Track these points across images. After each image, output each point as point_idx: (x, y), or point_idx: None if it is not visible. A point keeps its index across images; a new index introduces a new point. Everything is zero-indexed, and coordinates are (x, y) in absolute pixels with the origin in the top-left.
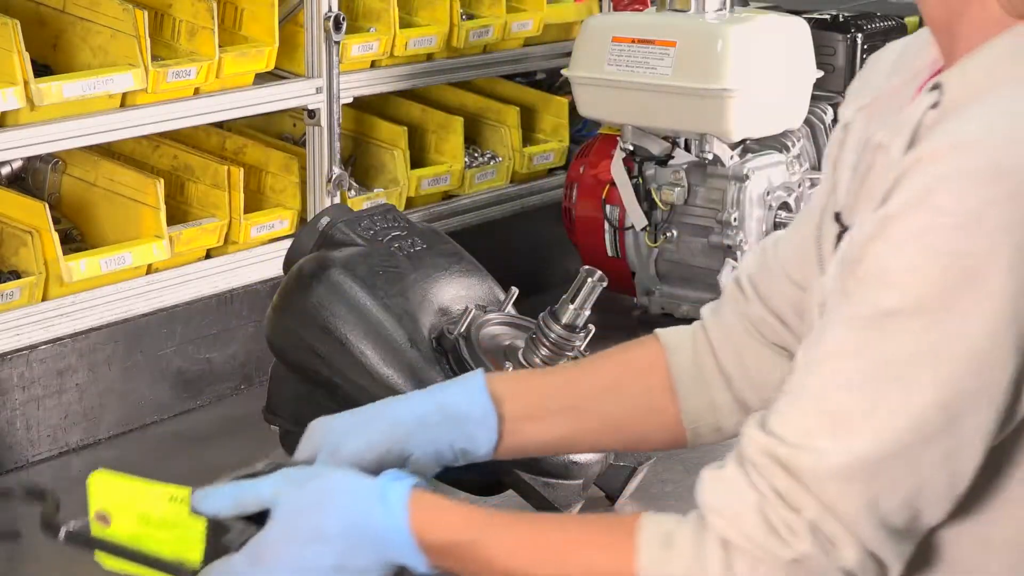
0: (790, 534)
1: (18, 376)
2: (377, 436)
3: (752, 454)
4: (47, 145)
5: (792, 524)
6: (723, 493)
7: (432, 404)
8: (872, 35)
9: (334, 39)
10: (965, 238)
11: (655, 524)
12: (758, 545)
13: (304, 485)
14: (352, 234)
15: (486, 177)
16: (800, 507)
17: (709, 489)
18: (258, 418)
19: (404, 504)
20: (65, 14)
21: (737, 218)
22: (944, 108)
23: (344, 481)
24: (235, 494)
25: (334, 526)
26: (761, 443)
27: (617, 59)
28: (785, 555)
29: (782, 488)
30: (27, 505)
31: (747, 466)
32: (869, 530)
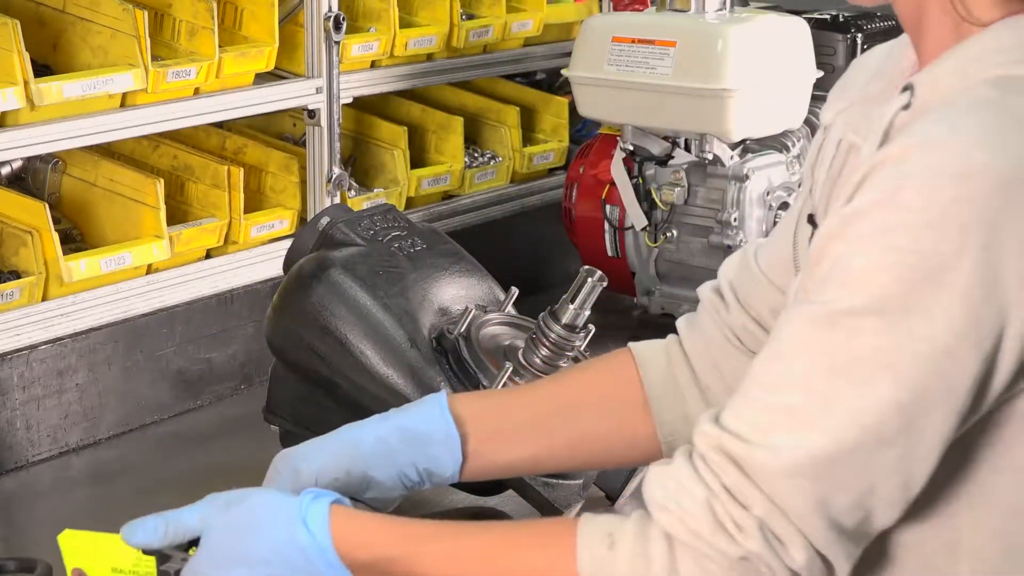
0: (738, 531)
1: (18, 376)
2: (334, 458)
3: (704, 449)
4: (47, 145)
5: (740, 521)
6: (671, 488)
7: (392, 426)
8: (872, 35)
9: (334, 39)
10: (931, 237)
11: (595, 524)
12: (705, 542)
13: (228, 509)
14: (352, 234)
15: (486, 177)
16: (749, 504)
17: (656, 484)
18: (258, 418)
19: (325, 523)
20: (65, 14)
21: (737, 218)
22: (915, 109)
23: (267, 503)
24: (161, 524)
25: (259, 550)
26: (713, 438)
27: (617, 59)
28: (733, 552)
29: (732, 484)
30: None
31: (697, 461)
32: (819, 530)
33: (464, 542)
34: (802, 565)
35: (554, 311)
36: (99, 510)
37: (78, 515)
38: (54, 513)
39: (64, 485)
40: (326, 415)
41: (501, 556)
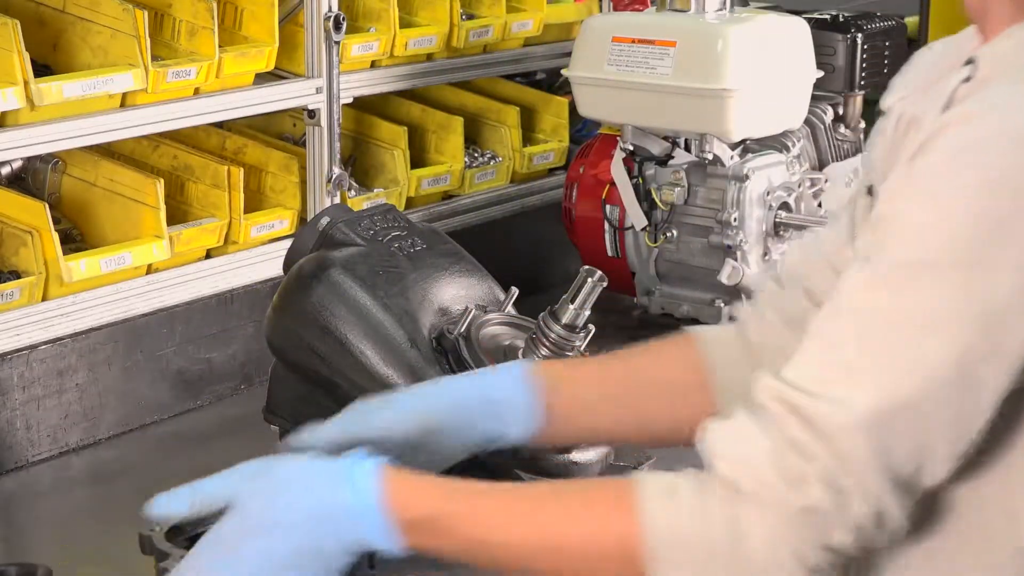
0: (801, 482)
1: (18, 376)
2: (410, 413)
3: (765, 400)
4: (47, 145)
5: (804, 473)
6: (732, 440)
7: (471, 388)
8: (872, 35)
9: (334, 39)
10: (992, 196)
11: (656, 478)
12: (768, 492)
13: (262, 475)
14: (352, 234)
15: (486, 177)
16: (812, 456)
17: (717, 437)
18: (258, 418)
19: (374, 482)
20: (65, 14)
21: (737, 218)
22: (976, 81)
23: (303, 467)
24: (191, 494)
25: (294, 512)
26: (775, 390)
27: (617, 59)
28: (796, 503)
29: (795, 436)
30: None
31: (760, 413)
32: (878, 482)
33: (525, 502)
34: (863, 516)
35: (554, 311)
36: (99, 510)
37: (78, 515)
38: (54, 513)
39: (64, 485)
40: (326, 415)
41: (556, 508)
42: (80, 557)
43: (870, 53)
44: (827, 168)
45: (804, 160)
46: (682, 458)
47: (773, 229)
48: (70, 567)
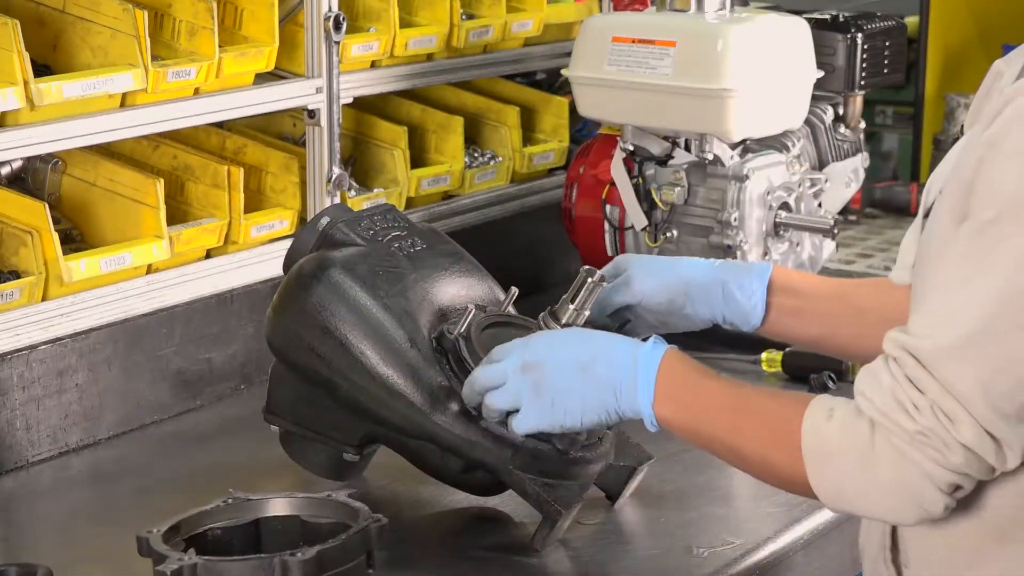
0: (915, 410)
1: (18, 376)
2: (665, 286)
3: (890, 348)
4: (47, 145)
5: (917, 402)
6: (868, 380)
7: (717, 280)
8: (872, 35)
9: (334, 39)
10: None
11: (824, 400)
12: (891, 419)
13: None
14: (352, 234)
15: (486, 177)
16: (924, 388)
17: (861, 377)
18: (258, 418)
19: (660, 352)
20: (65, 14)
21: (737, 218)
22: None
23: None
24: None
25: (589, 349)
26: (897, 340)
27: (617, 59)
28: (911, 428)
29: (911, 373)
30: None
31: (888, 358)
32: (983, 409)
33: (732, 398)
34: (970, 440)
35: (554, 311)
36: (99, 510)
37: (78, 515)
38: (54, 513)
39: (64, 485)
40: (326, 415)
41: (752, 412)
42: (80, 557)
43: (870, 53)
44: (827, 168)
45: (804, 160)
46: (681, 459)
47: (773, 229)
48: (70, 567)
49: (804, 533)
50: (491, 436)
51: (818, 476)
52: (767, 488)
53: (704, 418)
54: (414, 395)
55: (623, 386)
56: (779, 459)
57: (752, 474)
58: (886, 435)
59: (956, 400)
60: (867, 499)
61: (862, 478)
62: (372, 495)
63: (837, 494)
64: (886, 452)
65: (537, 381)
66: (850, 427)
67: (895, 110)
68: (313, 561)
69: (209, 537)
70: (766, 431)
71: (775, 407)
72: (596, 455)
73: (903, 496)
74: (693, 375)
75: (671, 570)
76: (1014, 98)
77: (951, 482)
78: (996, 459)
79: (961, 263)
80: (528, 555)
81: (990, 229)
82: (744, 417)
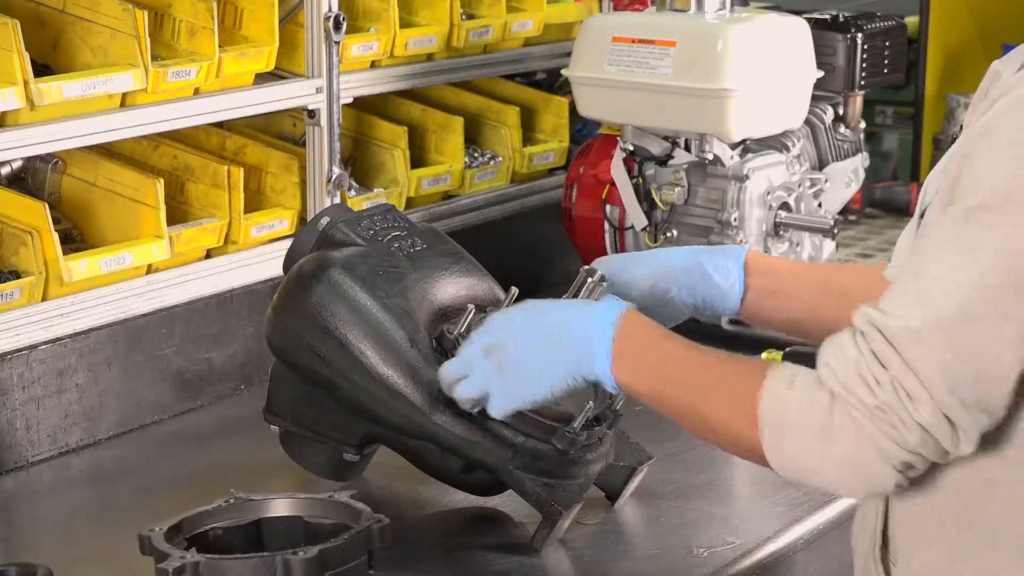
0: (876, 385)
1: (18, 376)
2: (649, 273)
3: (859, 323)
4: (47, 145)
5: (879, 377)
6: (833, 350)
7: (696, 266)
8: (872, 35)
9: (334, 39)
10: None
11: (785, 368)
12: (851, 392)
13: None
14: (352, 234)
15: (486, 177)
16: (887, 364)
17: (825, 348)
18: (258, 418)
19: (618, 311)
20: (65, 14)
21: (737, 218)
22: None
23: (565, 302)
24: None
25: (549, 318)
26: (867, 314)
27: (617, 59)
28: (871, 402)
29: (876, 348)
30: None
31: (856, 332)
32: (943, 392)
33: (691, 361)
34: (927, 421)
35: None
36: (99, 510)
37: (78, 515)
38: (54, 513)
39: (64, 485)
40: (326, 415)
41: (713, 378)
42: (80, 557)
43: (870, 53)
44: (827, 168)
45: (804, 160)
46: (681, 458)
47: (773, 229)
48: (70, 567)
49: (804, 533)
50: (491, 436)
51: (774, 444)
52: (767, 488)
53: (664, 382)
54: (414, 395)
55: (583, 350)
56: (738, 428)
57: (711, 440)
58: (845, 407)
59: (918, 380)
60: (820, 470)
61: (817, 448)
62: (372, 495)
63: (792, 463)
64: (844, 424)
65: (500, 362)
66: (810, 397)
67: (895, 110)
68: (315, 560)
69: (211, 537)
70: (728, 398)
71: (737, 374)
72: (596, 455)
73: (856, 469)
74: (652, 337)
75: (671, 570)
76: (1010, 90)
77: (904, 460)
78: (951, 442)
79: (941, 247)
80: (528, 555)
81: (973, 217)
82: (706, 383)
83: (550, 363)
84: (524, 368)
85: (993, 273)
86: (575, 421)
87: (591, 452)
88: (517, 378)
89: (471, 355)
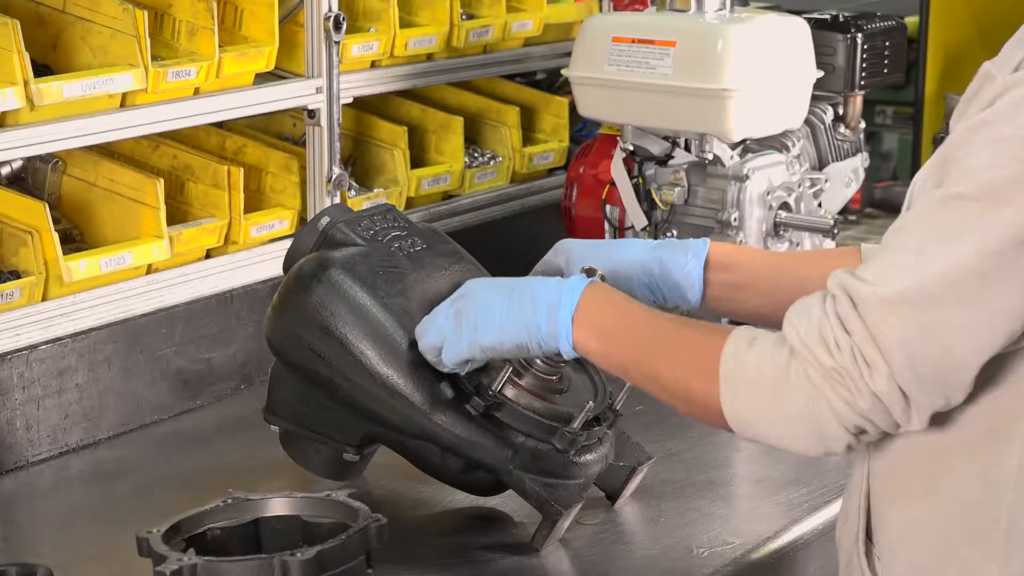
0: (836, 348)
1: (18, 376)
2: (605, 261)
3: (831, 285)
4: (47, 145)
5: (840, 340)
6: (799, 309)
7: (655, 259)
8: (872, 35)
9: (334, 39)
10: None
11: (748, 330)
12: (809, 351)
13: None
14: (352, 234)
15: (486, 177)
16: (851, 330)
17: (793, 307)
18: (258, 418)
19: (581, 286)
20: (65, 14)
21: (737, 218)
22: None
23: (531, 279)
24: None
25: (513, 281)
26: (840, 279)
27: (617, 59)
28: (827, 363)
29: (842, 312)
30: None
31: (827, 295)
32: (900, 365)
33: (651, 326)
34: (881, 390)
35: None
36: (99, 510)
37: (78, 515)
38: (54, 513)
39: (64, 485)
40: (326, 415)
41: (672, 338)
42: (80, 557)
43: (870, 53)
44: (827, 168)
45: (804, 160)
46: (682, 458)
47: (773, 229)
48: (70, 567)
49: (804, 533)
50: (491, 436)
51: (731, 399)
52: (767, 488)
53: (623, 342)
54: (414, 395)
55: (544, 308)
56: (696, 385)
57: (665, 399)
58: (803, 364)
59: (877, 350)
60: (774, 425)
61: (772, 404)
62: (372, 495)
63: (746, 418)
64: (799, 381)
65: (460, 310)
66: (769, 353)
67: (895, 110)
68: (313, 561)
69: (209, 537)
70: (687, 357)
71: (699, 336)
72: (596, 455)
73: (808, 426)
74: (618, 301)
75: (671, 570)
76: (1013, 87)
77: (856, 424)
78: (902, 415)
79: (921, 226)
80: (528, 555)
81: (956, 203)
82: (665, 343)
83: (506, 315)
84: (479, 317)
85: (962, 261)
86: (575, 421)
87: (591, 452)
88: (473, 325)
89: (440, 310)
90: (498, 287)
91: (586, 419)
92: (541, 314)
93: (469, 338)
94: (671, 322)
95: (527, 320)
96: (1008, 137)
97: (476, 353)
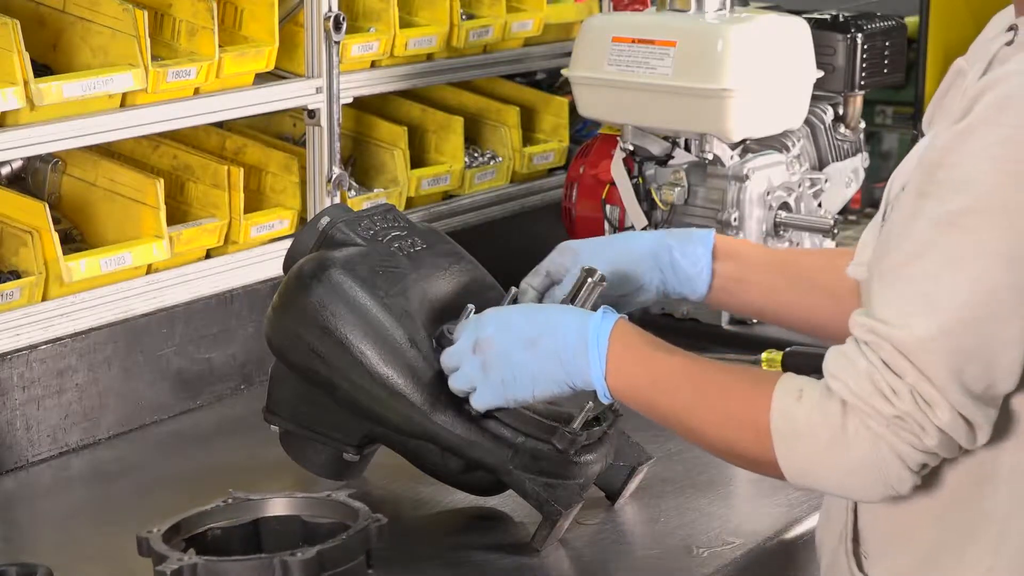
0: (893, 395)
1: (18, 376)
2: (613, 258)
3: (861, 334)
4: (47, 145)
5: (895, 386)
6: (841, 362)
7: (664, 249)
8: (872, 35)
9: (334, 39)
10: (1017, 149)
11: (792, 380)
12: (867, 403)
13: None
14: (352, 234)
15: (486, 177)
16: (902, 373)
17: (831, 360)
18: (258, 418)
19: (611, 323)
20: (65, 14)
21: (737, 218)
22: (1017, 45)
23: (553, 307)
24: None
25: (541, 321)
26: (867, 325)
27: (617, 59)
28: (889, 412)
29: (887, 358)
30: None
31: (860, 343)
32: (957, 394)
33: (691, 375)
34: (946, 423)
35: None
36: (99, 510)
37: (78, 515)
38: (54, 513)
39: (64, 485)
40: (326, 415)
41: (714, 391)
42: (80, 557)
43: (870, 53)
44: (827, 168)
45: (804, 160)
46: (682, 458)
47: (773, 229)
48: (70, 567)
49: (804, 533)
50: (491, 436)
51: (787, 456)
52: (767, 488)
53: (661, 393)
54: (414, 395)
55: (573, 359)
56: (747, 445)
57: (709, 450)
58: (861, 417)
59: (934, 386)
60: (836, 477)
61: (832, 458)
62: (372, 495)
63: (805, 473)
64: (860, 433)
65: (486, 360)
66: (820, 408)
67: (895, 110)
68: (313, 561)
69: (209, 537)
70: (731, 413)
71: (740, 388)
72: (596, 455)
73: (873, 475)
74: (646, 347)
75: (671, 570)
76: (991, 88)
77: (920, 462)
78: (967, 440)
79: (931, 254)
80: (528, 555)
81: (960, 221)
82: (705, 395)
83: (537, 369)
84: (507, 369)
85: (987, 278)
86: (575, 421)
87: (591, 452)
88: (502, 379)
89: (461, 349)
90: (519, 336)
91: (586, 419)
92: (573, 376)
93: (502, 392)
94: (706, 369)
95: (558, 380)
96: (998, 141)
97: (510, 404)
